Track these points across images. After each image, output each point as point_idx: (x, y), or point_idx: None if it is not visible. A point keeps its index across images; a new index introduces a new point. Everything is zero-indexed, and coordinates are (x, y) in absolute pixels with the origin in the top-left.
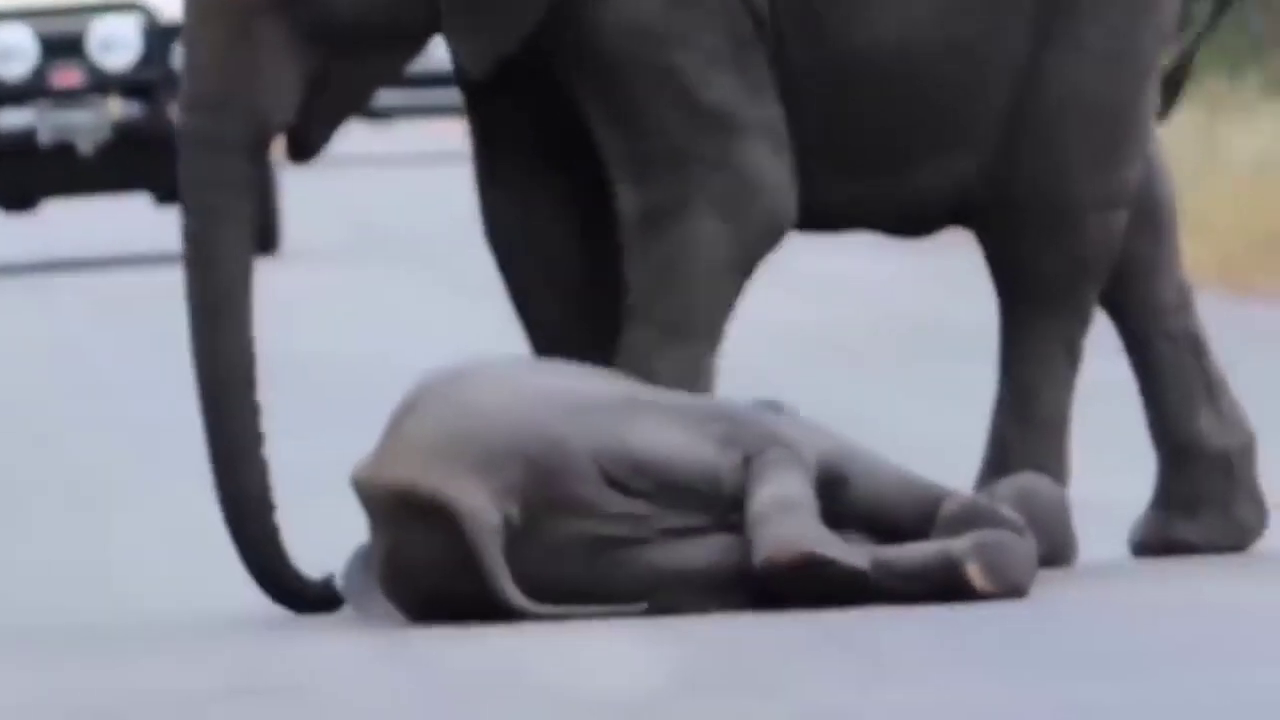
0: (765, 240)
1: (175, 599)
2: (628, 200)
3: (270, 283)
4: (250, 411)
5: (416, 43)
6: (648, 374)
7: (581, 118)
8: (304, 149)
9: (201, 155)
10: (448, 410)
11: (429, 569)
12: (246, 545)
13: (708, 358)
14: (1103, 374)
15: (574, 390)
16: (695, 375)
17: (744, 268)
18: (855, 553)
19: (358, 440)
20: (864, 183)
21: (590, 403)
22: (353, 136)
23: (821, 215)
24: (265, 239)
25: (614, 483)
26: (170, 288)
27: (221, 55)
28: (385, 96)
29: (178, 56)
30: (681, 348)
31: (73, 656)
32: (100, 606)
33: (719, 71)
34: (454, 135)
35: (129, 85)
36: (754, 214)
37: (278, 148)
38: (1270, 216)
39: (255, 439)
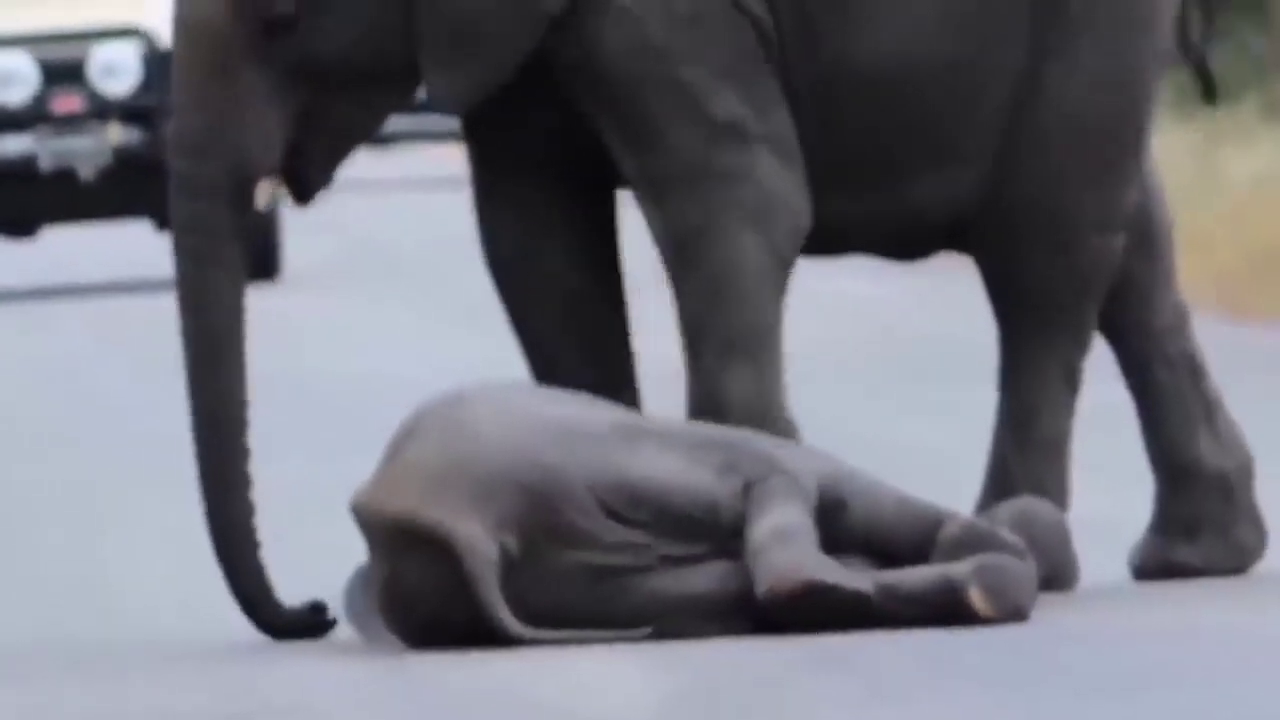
0: (794, 246)
1: (172, 619)
2: (656, 223)
3: (271, 307)
4: (241, 452)
5: (405, 79)
6: (721, 398)
7: (587, 138)
8: (302, 190)
9: (186, 199)
10: (446, 439)
11: (427, 597)
12: (234, 578)
13: (776, 369)
14: (1102, 396)
15: (571, 419)
16: (768, 390)
17: (782, 274)
18: (857, 577)
19: (357, 461)
20: (861, 200)
21: (588, 432)
22: (353, 162)
23: (818, 235)
24: (266, 264)
25: (612, 512)
26: (171, 312)
27: (202, 98)
28: (386, 122)
29: None
30: (749, 365)
31: (68, 675)
32: (96, 625)
33: (726, 86)
34: (454, 160)
35: (129, 111)
36: (780, 222)
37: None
38: (1267, 237)
39: (244, 478)
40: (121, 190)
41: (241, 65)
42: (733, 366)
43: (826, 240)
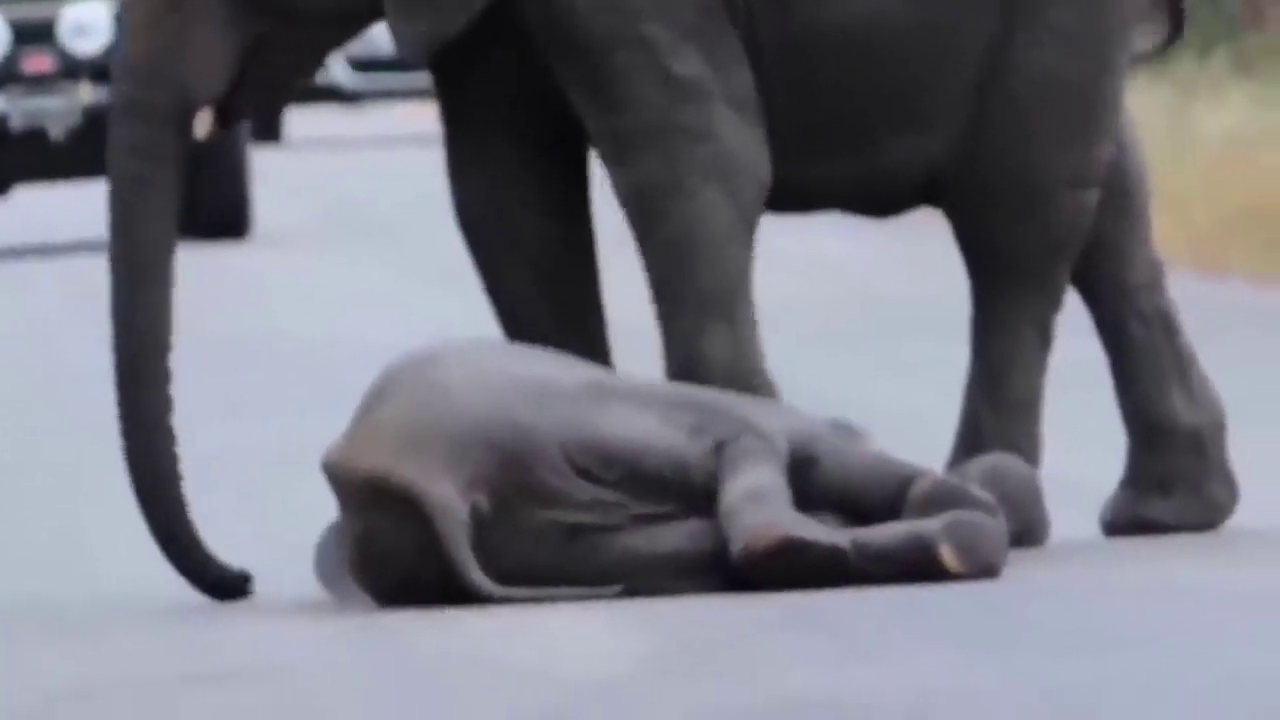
0: (757, 204)
1: (149, 583)
2: (620, 181)
3: (242, 266)
4: (162, 379)
5: (358, 23)
6: (700, 360)
7: (558, 96)
8: (251, 126)
9: (127, 123)
10: (417, 398)
11: (399, 556)
12: (155, 517)
13: (751, 327)
14: (1075, 353)
15: (542, 378)
16: (746, 349)
17: (747, 231)
18: (832, 534)
19: (328, 422)
20: (833, 160)
21: (559, 391)
22: (323, 120)
23: (791, 194)
24: (237, 222)
25: (583, 471)
26: None
27: (154, 21)
28: (356, 79)
29: None
30: (725, 325)
31: (48, 640)
32: (75, 591)
33: (689, 44)
34: (425, 118)
35: (100, 71)
36: (743, 179)
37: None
38: (1240, 194)
39: (165, 406)
40: (92, 149)
41: None
42: (709, 328)
43: (799, 198)
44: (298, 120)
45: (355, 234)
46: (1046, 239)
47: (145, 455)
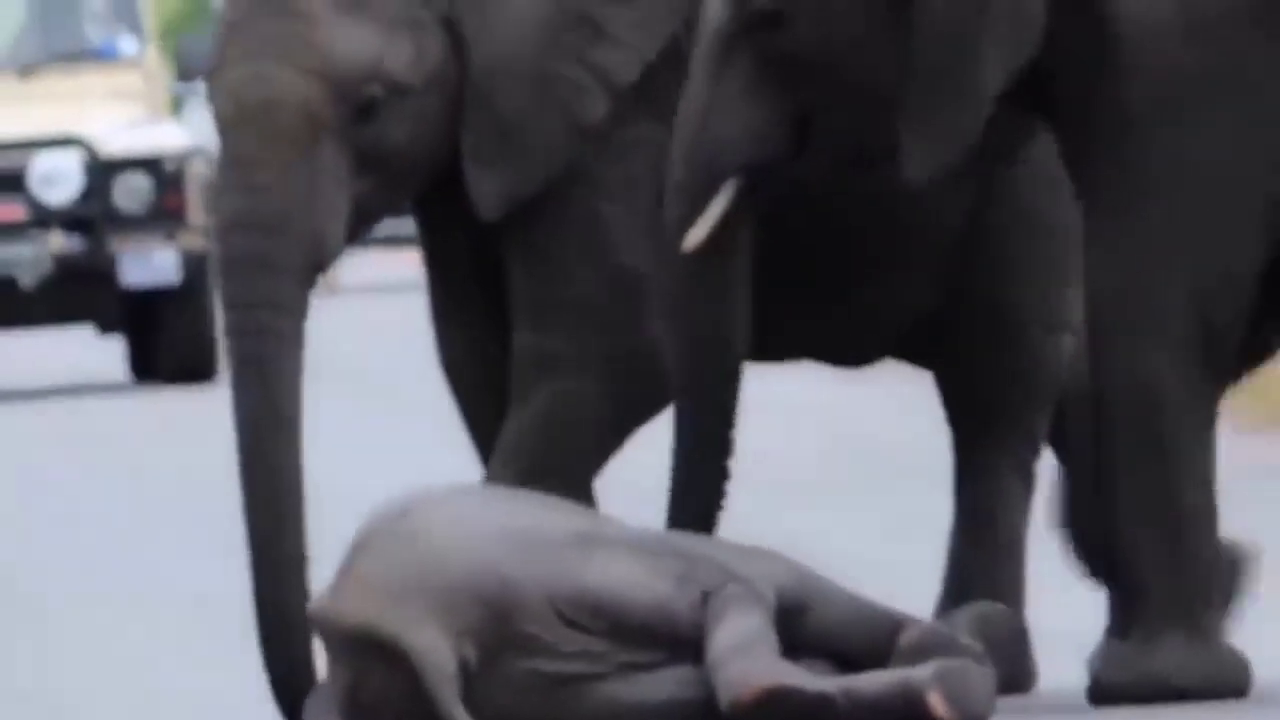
0: (649, 409)
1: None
2: (524, 342)
3: (211, 408)
4: (301, 531)
5: (431, 180)
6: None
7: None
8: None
9: (256, 276)
10: (403, 549)
11: (387, 706)
12: (280, 667)
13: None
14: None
15: (529, 528)
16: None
17: (621, 431)
18: (820, 681)
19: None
20: (811, 308)
21: (545, 540)
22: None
23: (769, 344)
24: (204, 365)
25: (570, 621)
26: (114, 415)
27: (283, 176)
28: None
29: (119, 191)
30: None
31: None
32: None
33: (641, 233)
34: (409, 265)
35: (70, 220)
36: (645, 382)
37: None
38: None
39: (303, 562)
40: (63, 297)
41: (324, 150)
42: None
43: (776, 347)
44: None
45: (333, 377)
46: (1023, 381)
47: (282, 608)
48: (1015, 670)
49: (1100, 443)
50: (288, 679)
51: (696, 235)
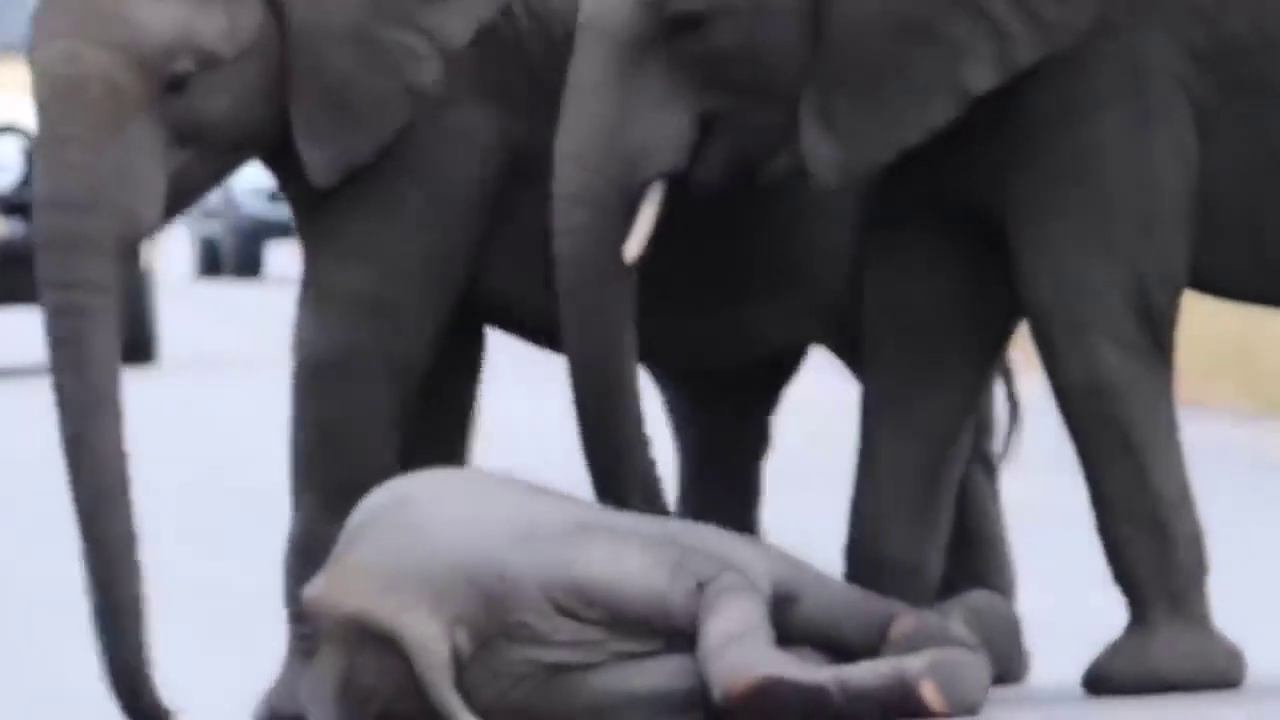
0: (406, 406)
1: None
2: (308, 334)
3: (147, 391)
4: (127, 514)
5: (259, 151)
6: (322, 542)
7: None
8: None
9: (69, 256)
10: (398, 536)
11: (381, 694)
12: (116, 654)
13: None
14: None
15: (523, 517)
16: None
17: (402, 425)
18: (812, 671)
19: (242, 552)
20: (713, 318)
21: (541, 530)
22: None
23: (670, 352)
24: (141, 348)
25: (564, 610)
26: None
27: (93, 153)
28: (280, 211)
29: None
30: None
31: None
32: None
33: (439, 225)
34: None
35: (11, 205)
36: (404, 380)
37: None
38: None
39: (132, 542)
40: (7, 280)
41: (135, 125)
42: (333, 517)
43: (677, 355)
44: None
45: (269, 360)
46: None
47: (114, 596)
48: (1007, 660)
49: (1073, 443)
50: (122, 661)
51: (634, 247)
